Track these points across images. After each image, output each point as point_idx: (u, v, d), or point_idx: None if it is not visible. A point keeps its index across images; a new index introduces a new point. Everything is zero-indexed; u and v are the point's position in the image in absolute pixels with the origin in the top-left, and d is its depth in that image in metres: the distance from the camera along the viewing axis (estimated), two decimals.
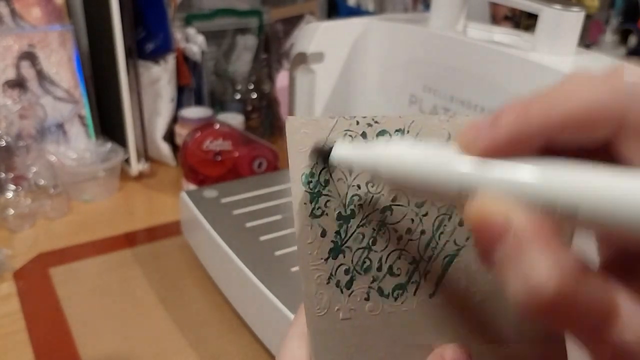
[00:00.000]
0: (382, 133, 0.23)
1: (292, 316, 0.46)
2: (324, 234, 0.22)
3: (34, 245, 0.68)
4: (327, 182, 0.22)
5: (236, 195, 0.65)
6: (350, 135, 0.22)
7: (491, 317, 0.24)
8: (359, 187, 0.23)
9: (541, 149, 0.17)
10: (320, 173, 0.22)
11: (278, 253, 0.55)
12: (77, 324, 0.56)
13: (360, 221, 0.23)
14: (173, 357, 0.53)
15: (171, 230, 0.72)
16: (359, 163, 0.20)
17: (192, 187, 0.75)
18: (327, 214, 0.22)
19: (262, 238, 0.57)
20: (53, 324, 0.56)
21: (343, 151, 0.21)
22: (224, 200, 0.64)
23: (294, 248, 0.51)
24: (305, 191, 0.22)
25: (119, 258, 0.67)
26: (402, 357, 0.23)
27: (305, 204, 0.22)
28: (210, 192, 0.65)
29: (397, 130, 0.23)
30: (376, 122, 0.23)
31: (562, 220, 0.15)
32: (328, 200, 0.22)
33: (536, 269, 0.14)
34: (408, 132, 0.23)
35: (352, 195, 0.22)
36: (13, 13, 0.79)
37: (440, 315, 0.24)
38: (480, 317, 0.24)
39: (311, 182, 0.22)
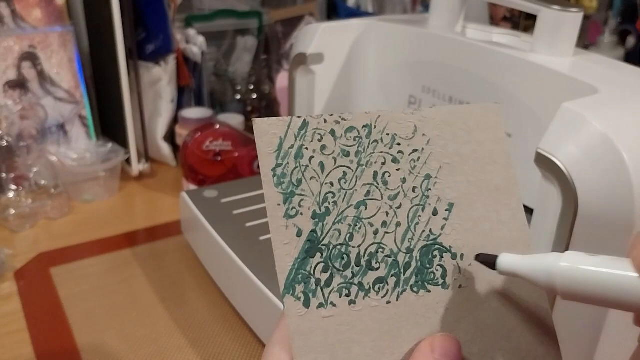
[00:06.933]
0: (350, 129, 0.23)
1: None
2: (299, 233, 0.22)
3: (34, 245, 0.69)
4: (300, 181, 0.22)
5: (236, 195, 0.65)
6: (319, 134, 0.23)
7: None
8: (332, 184, 0.23)
9: None
10: (292, 173, 0.22)
11: None
12: (78, 323, 0.57)
13: (336, 218, 0.22)
14: (173, 356, 0.53)
15: (171, 230, 0.72)
16: (528, 274, 0.21)
17: (192, 187, 0.76)
18: (301, 214, 0.22)
19: (262, 238, 0.57)
20: (54, 323, 0.57)
21: (510, 260, 0.22)
22: (224, 200, 0.64)
23: None
24: (278, 192, 0.22)
25: (119, 258, 0.67)
26: (388, 350, 0.22)
27: (278, 205, 0.22)
28: (210, 192, 0.65)
29: (364, 126, 0.23)
30: (343, 119, 0.23)
31: None
32: (302, 200, 0.22)
33: None
34: (375, 127, 0.23)
35: (326, 193, 0.22)
36: (14, 14, 0.79)
37: (425, 306, 0.23)
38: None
39: (283, 182, 0.22)
